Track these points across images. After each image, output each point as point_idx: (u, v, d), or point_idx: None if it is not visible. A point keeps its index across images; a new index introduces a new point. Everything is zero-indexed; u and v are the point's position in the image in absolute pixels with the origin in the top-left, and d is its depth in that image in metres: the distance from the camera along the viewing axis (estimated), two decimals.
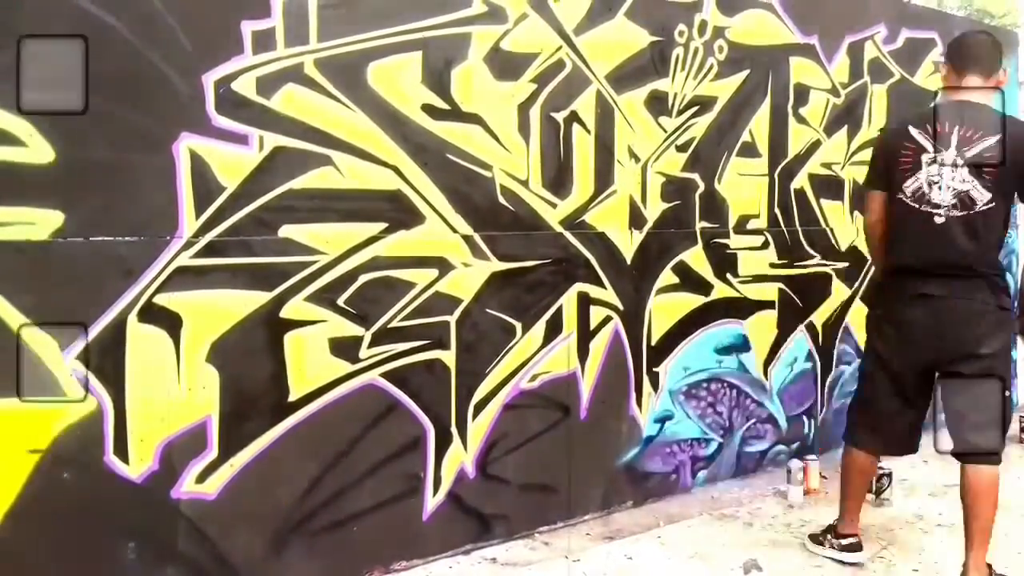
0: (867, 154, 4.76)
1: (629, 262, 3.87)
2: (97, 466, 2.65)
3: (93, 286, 2.63)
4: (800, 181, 4.53)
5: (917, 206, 3.08)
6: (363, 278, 3.12)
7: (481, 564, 3.35)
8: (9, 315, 2.50)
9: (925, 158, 3.07)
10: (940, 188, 3.04)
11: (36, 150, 2.52)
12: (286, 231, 2.96)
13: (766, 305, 4.43)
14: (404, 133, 3.19)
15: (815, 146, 4.59)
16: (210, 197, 2.81)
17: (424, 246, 3.26)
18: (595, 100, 3.72)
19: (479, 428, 3.44)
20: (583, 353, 3.74)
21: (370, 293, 3.14)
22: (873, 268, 3.51)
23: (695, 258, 4.11)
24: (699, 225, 4.11)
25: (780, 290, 4.48)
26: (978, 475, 3.07)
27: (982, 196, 3.01)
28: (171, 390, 2.76)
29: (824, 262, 4.67)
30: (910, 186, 3.10)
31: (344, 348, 3.10)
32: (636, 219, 3.89)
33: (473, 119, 3.36)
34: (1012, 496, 3.88)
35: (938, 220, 3.04)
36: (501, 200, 3.45)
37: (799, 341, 4.59)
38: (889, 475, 3.97)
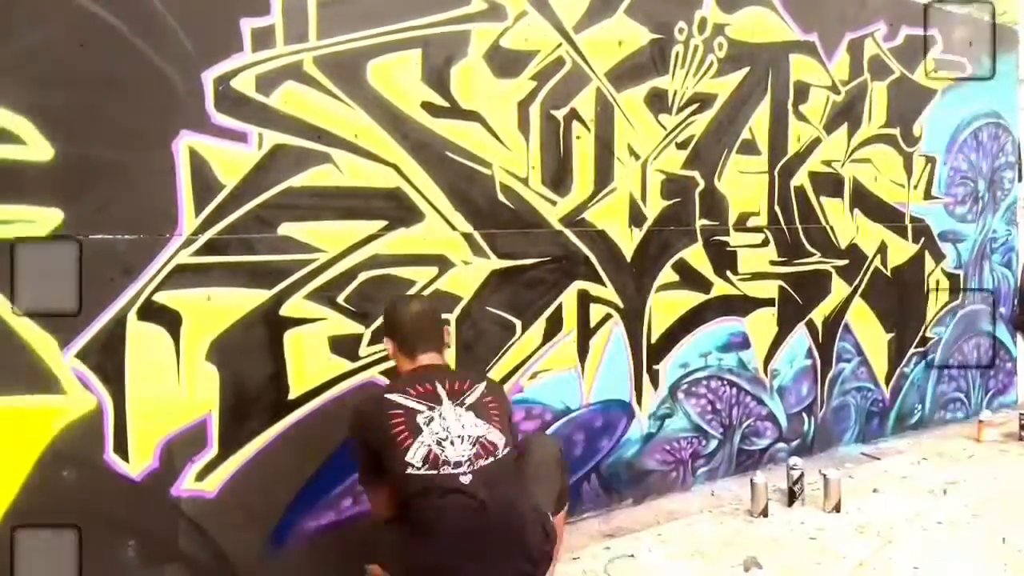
0: (867, 151, 4.82)
1: (629, 260, 3.87)
2: (97, 464, 2.65)
3: (93, 284, 2.63)
4: (800, 179, 4.52)
5: (435, 472, 2.46)
6: (363, 276, 3.12)
7: None
8: (9, 313, 2.50)
9: (421, 419, 2.53)
10: (452, 443, 2.53)
11: (36, 148, 2.52)
12: (285, 229, 2.96)
13: (766, 302, 4.43)
14: (404, 131, 3.19)
15: (815, 143, 4.58)
16: (209, 195, 2.81)
17: (424, 244, 3.26)
18: (595, 98, 3.71)
19: None
20: (583, 351, 3.74)
21: (370, 291, 3.14)
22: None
23: (695, 256, 4.11)
24: (699, 223, 4.11)
25: (780, 287, 4.48)
26: None
27: (501, 439, 2.58)
28: (171, 388, 2.76)
29: (824, 259, 4.67)
30: (415, 454, 2.48)
31: (344, 346, 3.10)
32: (636, 217, 3.88)
33: (473, 117, 3.35)
34: (1012, 495, 3.88)
35: (464, 480, 2.47)
36: (501, 198, 3.45)
37: (799, 338, 4.59)
38: (803, 474, 3.92)
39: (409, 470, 2.47)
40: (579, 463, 3.77)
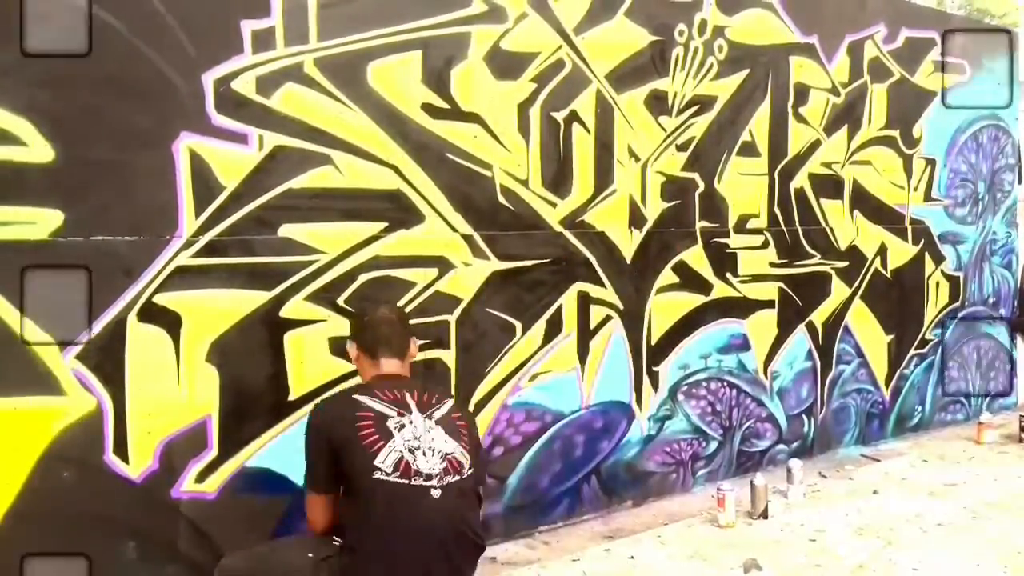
0: (867, 153, 4.82)
1: (629, 261, 3.87)
2: (97, 465, 2.65)
3: (93, 285, 2.63)
4: (800, 180, 4.53)
5: (406, 481, 2.38)
6: (363, 277, 3.12)
7: (481, 563, 3.32)
8: (9, 314, 2.50)
9: (391, 423, 2.45)
10: (424, 453, 2.44)
11: (36, 149, 2.52)
12: (286, 230, 2.96)
13: (766, 304, 4.43)
14: (404, 132, 3.19)
15: (815, 145, 4.58)
16: (210, 196, 2.81)
17: (424, 245, 3.26)
18: (595, 99, 3.71)
19: (479, 427, 3.44)
20: (583, 352, 3.74)
21: (370, 292, 3.13)
22: None
23: (695, 257, 4.11)
24: (699, 224, 4.11)
25: (780, 289, 4.48)
26: None
27: (466, 460, 2.51)
28: (171, 389, 2.76)
29: (824, 261, 4.67)
30: (386, 459, 2.39)
31: (344, 347, 3.09)
32: (636, 218, 3.89)
33: (473, 118, 3.36)
34: (1012, 495, 3.88)
35: (435, 493, 2.41)
36: (501, 199, 3.45)
37: (799, 340, 4.59)
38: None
39: (377, 475, 2.35)
40: (579, 465, 3.77)
